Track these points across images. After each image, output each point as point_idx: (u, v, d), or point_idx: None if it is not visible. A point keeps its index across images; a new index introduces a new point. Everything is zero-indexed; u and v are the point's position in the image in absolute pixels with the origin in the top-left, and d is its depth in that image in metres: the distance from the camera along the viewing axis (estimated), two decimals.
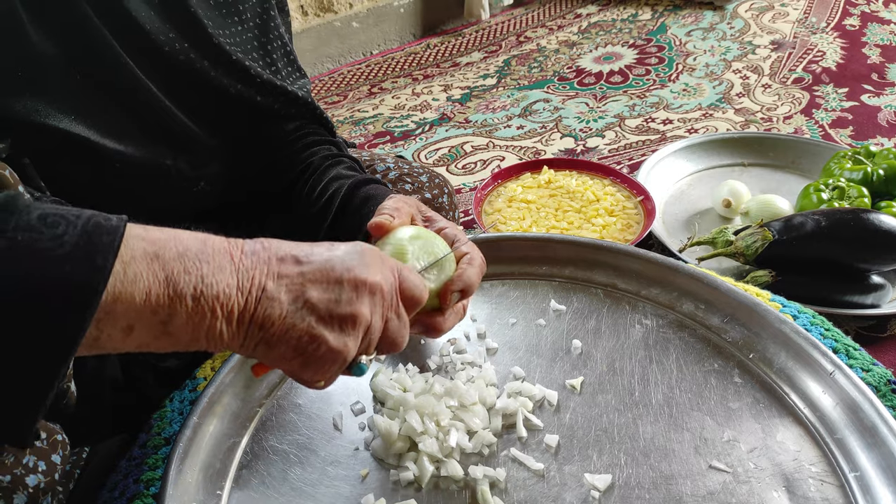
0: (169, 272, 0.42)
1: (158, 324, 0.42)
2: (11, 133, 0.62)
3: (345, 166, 0.83)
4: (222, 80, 0.76)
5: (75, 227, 0.39)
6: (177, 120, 0.74)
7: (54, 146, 0.66)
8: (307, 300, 0.47)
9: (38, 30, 0.62)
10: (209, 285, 0.43)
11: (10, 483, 0.53)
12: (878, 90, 1.76)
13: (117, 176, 0.71)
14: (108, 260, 0.39)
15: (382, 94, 1.99)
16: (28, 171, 0.64)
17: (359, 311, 0.49)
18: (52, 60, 0.64)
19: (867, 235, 1.02)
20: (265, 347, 0.47)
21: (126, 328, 0.41)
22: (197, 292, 0.43)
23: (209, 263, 0.44)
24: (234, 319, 0.45)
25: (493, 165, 1.59)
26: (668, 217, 1.28)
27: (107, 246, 0.39)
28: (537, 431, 0.65)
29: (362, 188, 0.78)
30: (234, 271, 0.45)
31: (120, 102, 0.70)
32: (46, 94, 0.64)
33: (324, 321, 0.48)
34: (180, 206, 0.80)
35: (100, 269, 0.39)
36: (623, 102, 1.81)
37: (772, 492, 0.58)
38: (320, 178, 0.81)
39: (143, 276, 0.41)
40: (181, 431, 0.60)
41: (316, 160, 0.84)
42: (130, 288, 0.40)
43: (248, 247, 0.47)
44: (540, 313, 0.78)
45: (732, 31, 2.17)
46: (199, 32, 0.73)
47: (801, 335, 0.68)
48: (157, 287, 0.41)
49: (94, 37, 0.66)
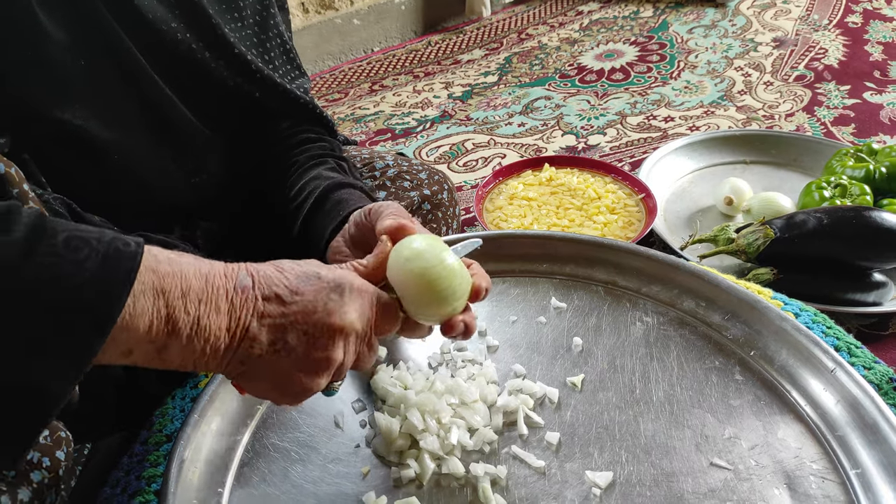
0: (171, 310, 0.45)
1: (154, 351, 0.46)
2: (12, 127, 0.62)
3: (327, 167, 0.83)
4: (222, 73, 0.76)
5: (97, 254, 0.41)
6: (177, 111, 0.75)
7: (55, 139, 0.66)
8: (286, 343, 0.50)
9: (47, 17, 0.63)
10: (203, 327, 0.47)
11: (15, 479, 0.53)
12: (880, 88, 1.76)
13: (116, 168, 0.71)
14: (124, 291, 0.42)
15: (383, 92, 1.99)
16: (29, 167, 0.64)
17: (332, 356, 0.51)
18: (57, 48, 0.64)
19: (869, 233, 1.02)
20: (244, 378, 0.52)
21: (126, 351, 0.45)
22: (192, 332, 0.46)
23: (207, 305, 0.47)
24: (220, 354, 0.48)
25: (494, 163, 1.59)
26: (669, 215, 1.27)
27: (124, 275, 0.42)
28: (538, 429, 0.65)
29: (337, 191, 0.77)
30: (227, 311, 0.48)
31: (122, 91, 0.70)
32: (49, 83, 0.64)
33: (299, 363, 0.51)
34: (178, 199, 0.80)
35: (116, 298, 0.42)
36: (624, 100, 1.81)
37: (773, 489, 0.58)
38: (301, 176, 0.81)
39: (148, 311, 0.44)
40: (183, 428, 0.60)
41: (302, 158, 0.83)
42: (136, 321, 0.43)
43: (241, 281, 0.49)
44: (541, 311, 0.78)
45: (734, 29, 2.17)
46: (203, 23, 0.73)
47: (803, 333, 0.68)
48: (159, 323, 0.45)
49: (100, 25, 0.66)
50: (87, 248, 0.41)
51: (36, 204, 0.54)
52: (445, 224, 1.01)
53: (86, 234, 0.42)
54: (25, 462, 0.54)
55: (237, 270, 0.49)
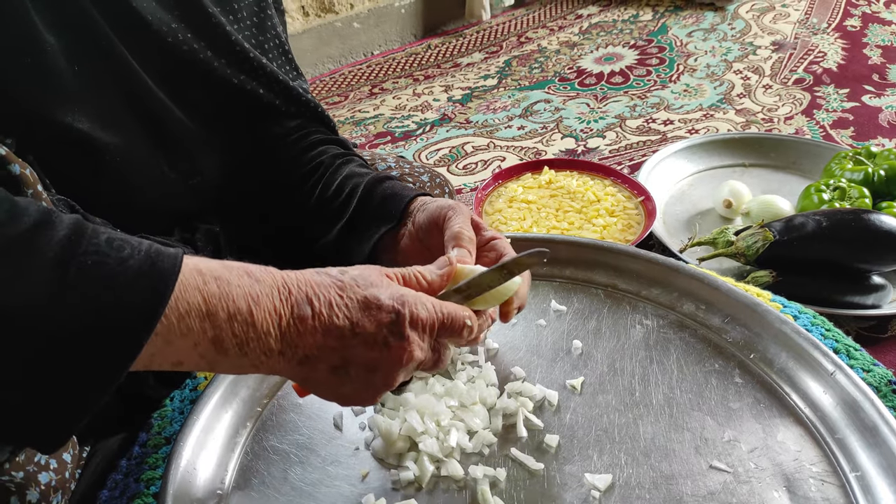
0: (217, 332, 0.45)
1: (205, 364, 0.47)
2: (16, 130, 0.62)
3: (357, 164, 0.83)
4: (226, 71, 0.76)
5: (140, 252, 0.42)
6: (172, 114, 0.75)
7: (57, 142, 0.66)
8: (347, 373, 0.50)
9: (42, 21, 0.63)
10: (253, 349, 0.47)
11: (24, 480, 0.53)
12: (879, 91, 1.76)
13: (116, 170, 0.71)
14: (168, 286, 0.42)
15: (383, 95, 1.99)
16: (34, 170, 0.64)
17: (394, 382, 0.52)
18: (54, 52, 0.64)
19: (868, 236, 1.02)
20: (306, 385, 0.53)
21: (175, 363, 0.46)
22: (242, 351, 0.47)
23: (256, 328, 0.46)
24: (276, 369, 0.49)
25: (493, 166, 1.59)
26: (668, 217, 1.28)
27: (168, 271, 0.43)
28: (537, 431, 0.65)
29: (380, 185, 0.77)
30: (278, 338, 0.47)
31: (116, 96, 0.70)
32: (49, 87, 0.64)
33: (360, 388, 0.52)
34: (176, 202, 0.80)
35: (161, 294, 0.42)
36: (624, 103, 1.81)
37: (772, 492, 0.58)
38: (334, 176, 0.81)
39: (194, 331, 0.44)
40: (182, 431, 0.60)
41: (326, 159, 0.83)
42: (181, 340, 0.44)
43: (300, 310, 0.48)
44: (540, 314, 0.78)
45: (733, 32, 2.17)
46: (205, 22, 0.73)
47: (802, 335, 0.68)
48: (206, 343, 0.45)
49: (92, 28, 0.66)
50: (129, 248, 0.42)
51: (48, 204, 0.54)
52: None
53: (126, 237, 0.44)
54: (34, 463, 0.54)
55: (296, 295, 0.48)
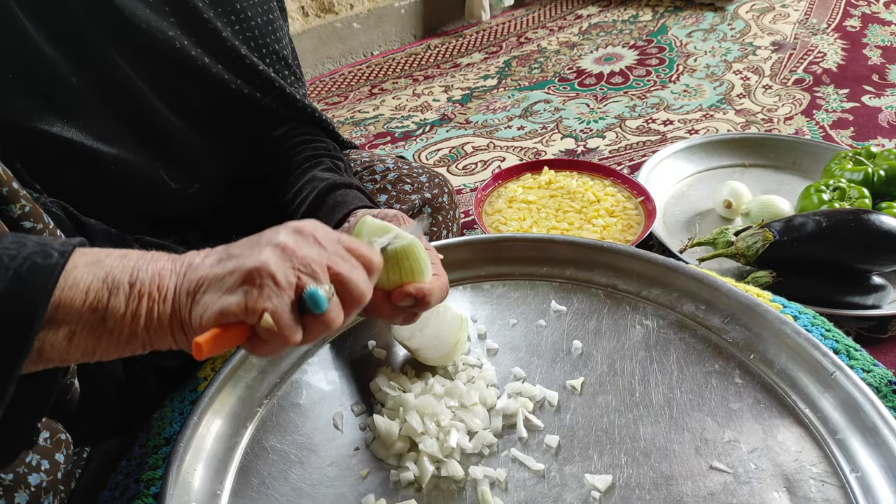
0: (108, 269, 0.44)
1: (99, 321, 0.44)
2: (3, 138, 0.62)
3: (323, 168, 0.82)
4: (223, 76, 0.76)
5: (8, 271, 0.40)
6: (169, 122, 0.74)
7: (47, 151, 0.66)
8: (229, 253, 0.48)
9: (38, 32, 0.63)
10: (144, 269, 0.46)
11: (13, 481, 0.53)
12: (878, 91, 1.76)
13: (112, 179, 0.71)
14: (39, 307, 0.40)
15: (383, 95, 1.99)
16: (22, 177, 0.64)
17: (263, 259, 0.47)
18: (47, 63, 0.64)
19: (868, 236, 1.02)
20: (196, 307, 0.47)
21: (69, 334, 0.43)
22: (133, 278, 0.45)
23: (145, 259, 0.47)
24: (169, 298, 0.46)
25: (493, 166, 1.59)
26: (668, 218, 1.27)
27: (40, 290, 0.41)
28: (538, 432, 0.65)
29: (332, 193, 0.76)
30: (169, 259, 0.48)
31: (111, 105, 0.70)
32: (40, 97, 0.64)
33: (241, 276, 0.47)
34: (177, 210, 0.80)
35: (30, 316, 0.40)
36: (624, 103, 1.81)
37: (772, 492, 0.58)
38: (297, 179, 0.81)
39: (83, 279, 0.43)
40: (181, 431, 0.60)
41: (297, 160, 0.83)
42: (71, 293, 0.42)
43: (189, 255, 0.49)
44: (540, 314, 0.78)
45: (733, 32, 2.17)
46: (201, 28, 0.73)
47: (802, 336, 0.68)
48: (97, 283, 0.44)
49: (87, 38, 0.66)
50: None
51: (29, 203, 0.54)
52: (446, 227, 1.01)
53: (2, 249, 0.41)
54: (24, 464, 0.54)
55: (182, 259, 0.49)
